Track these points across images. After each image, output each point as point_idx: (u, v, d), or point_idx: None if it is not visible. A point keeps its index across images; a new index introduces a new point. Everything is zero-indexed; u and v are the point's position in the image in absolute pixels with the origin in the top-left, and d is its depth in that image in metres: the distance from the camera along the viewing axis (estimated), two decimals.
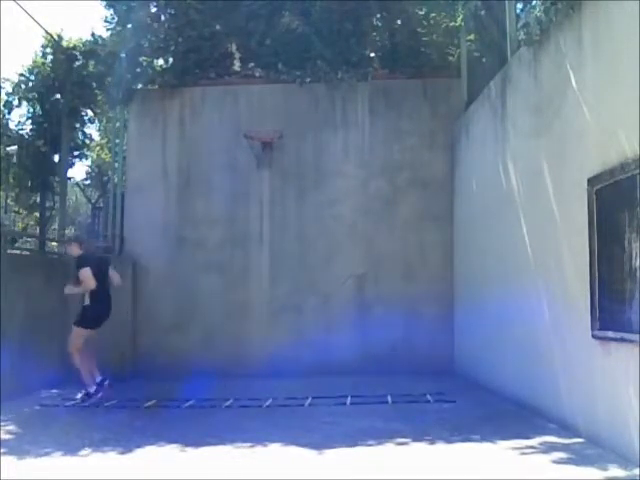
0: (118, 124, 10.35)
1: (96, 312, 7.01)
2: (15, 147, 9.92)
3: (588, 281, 4.82)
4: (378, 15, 10.34)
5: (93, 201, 17.20)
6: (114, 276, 7.28)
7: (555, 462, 4.36)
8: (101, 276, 7.04)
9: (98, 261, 7.20)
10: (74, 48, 9.96)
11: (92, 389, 6.95)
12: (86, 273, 6.89)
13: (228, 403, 6.88)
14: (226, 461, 4.62)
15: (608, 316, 4.58)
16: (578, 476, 4.03)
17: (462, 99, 9.25)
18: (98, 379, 7.03)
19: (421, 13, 10.25)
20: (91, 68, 10.02)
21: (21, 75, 10.02)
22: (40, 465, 4.53)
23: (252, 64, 9.99)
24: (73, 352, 6.92)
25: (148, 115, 9.86)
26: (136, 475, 4.28)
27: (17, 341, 7.32)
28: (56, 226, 10.38)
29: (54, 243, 10.28)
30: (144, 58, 9.95)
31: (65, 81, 9.83)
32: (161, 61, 10.26)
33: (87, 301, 6.98)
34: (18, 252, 9.70)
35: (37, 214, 10.40)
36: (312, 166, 9.65)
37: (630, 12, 4.27)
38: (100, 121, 13.15)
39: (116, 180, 10.41)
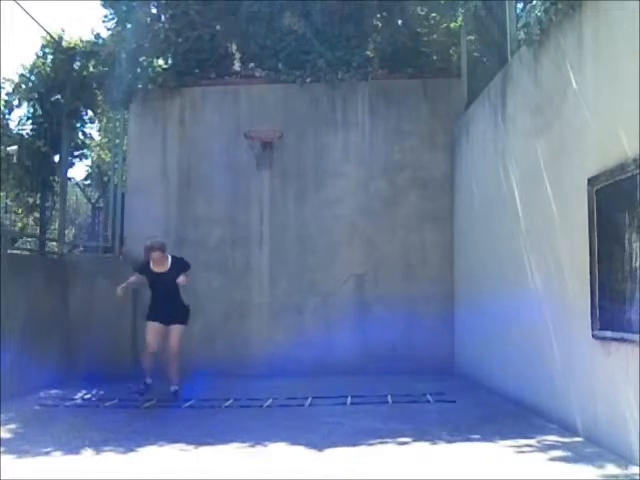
0: (118, 124, 10.35)
1: None
2: (15, 147, 9.91)
3: (588, 281, 4.81)
4: (378, 15, 10.33)
5: (93, 201, 17.17)
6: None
7: (554, 461, 4.36)
8: None
9: None
10: (74, 48, 9.95)
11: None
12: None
13: (228, 403, 6.88)
14: (226, 461, 4.62)
15: (608, 316, 4.57)
16: (577, 475, 4.04)
17: (462, 99, 9.25)
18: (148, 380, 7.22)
19: (422, 13, 10.26)
20: (91, 68, 10.01)
21: (21, 75, 10.00)
22: (40, 465, 4.53)
23: (252, 64, 9.99)
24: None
25: (148, 115, 9.86)
26: (136, 475, 4.28)
27: (17, 341, 7.32)
28: (56, 226, 10.35)
29: (54, 243, 10.27)
30: (144, 58, 9.95)
31: (65, 81, 9.82)
32: (161, 61, 10.26)
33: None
34: (18, 252, 9.71)
35: (37, 214, 10.38)
36: (312, 166, 9.65)
37: (630, 12, 4.27)
38: (100, 121, 13.12)
39: (116, 180, 10.41)
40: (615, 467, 4.13)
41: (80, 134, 10.72)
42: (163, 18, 10.17)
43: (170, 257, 7.34)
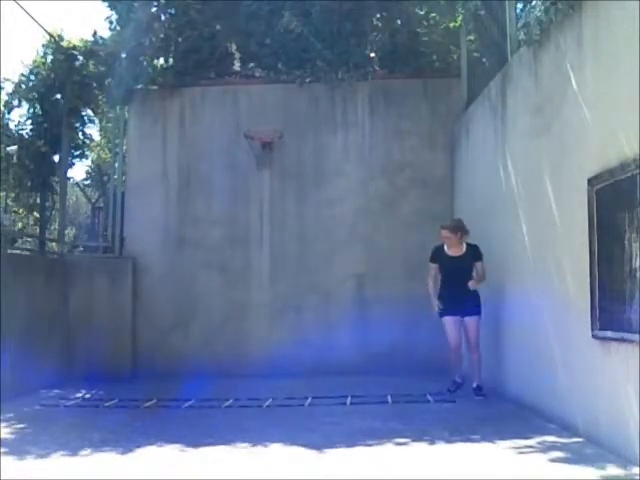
0: (118, 124, 10.35)
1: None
2: (15, 147, 9.91)
3: (588, 281, 4.81)
4: (378, 15, 10.33)
5: (93, 201, 17.20)
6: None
7: (555, 462, 4.36)
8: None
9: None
10: (74, 48, 9.94)
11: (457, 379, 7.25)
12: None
13: (228, 403, 6.88)
14: (226, 461, 4.62)
15: (608, 316, 4.57)
16: (577, 476, 4.03)
17: (462, 99, 9.25)
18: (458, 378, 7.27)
19: (421, 13, 10.26)
20: (91, 68, 10.00)
21: (21, 75, 10.00)
22: (40, 465, 4.53)
23: (252, 64, 9.99)
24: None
25: (148, 115, 9.86)
26: (136, 475, 4.28)
27: (17, 341, 7.33)
28: (56, 226, 10.36)
29: (54, 243, 10.27)
30: (144, 58, 9.95)
31: (65, 81, 9.81)
32: (161, 61, 10.26)
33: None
34: (18, 252, 9.71)
35: (37, 214, 10.38)
36: (312, 166, 9.65)
37: (630, 12, 4.26)
38: (100, 121, 13.13)
39: (116, 180, 10.41)
40: (617, 468, 4.11)
41: (80, 134, 10.71)
42: (163, 17, 10.18)
43: (465, 243, 7.20)
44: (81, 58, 9.99)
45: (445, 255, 7.20)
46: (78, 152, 10.96)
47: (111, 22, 10.13)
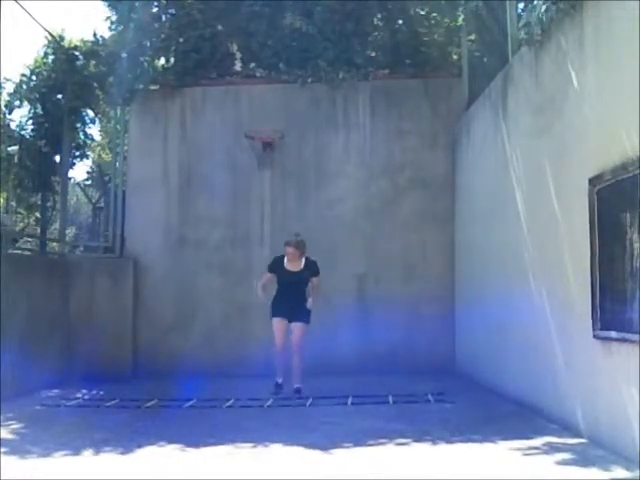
0: (119, 124, 10.35)
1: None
2: (15, 147, 9.92)
3: (589, 281, 4.81)
4: (379, 15, 10.34)
5: (94, 201, 17.19)
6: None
7: (556, 463, 4.34)
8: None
9: None
10: (75, 48, 9.94)
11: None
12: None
13: (229, 403, 6.88)
14: (227, 461, 4.61)
15: (609, 316, 4.57)
16: (580, 477, 4.02)
17: (463, 99, 9.25)
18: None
19: (422, 13, 10.26)
20: (92, 68, 10.00)
21: (23, 75, 10.00)
22: (41, 465, 4.53)
23: (253, 64, 9.98)
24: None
25: (149, 115, 9.86)
26: (136, 475, 4.27)
27: (17, 341, 7.33)
28: (57, 226, 10.36)
29: (55, 243, 10.27)
30: (145, 58, 9.95)
31: (66, 81, 9.81)
32: (162, 61, 10.26)
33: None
34: (19, 252, 9.71)
35: (38, 214, 10.38)
36: (313, 166, 9.65)
37: (631, 12, 4.26)
38: (101, 121, 13.12)
39: (117, 180, 10.41)
40: (623, 470, 4.10)
41: (81, 134, 10.72)
42: (164, 17, 10.18)
43: (304, 259, 7.51)
44: (82, 58, 10.00)
45: (283, 268, 7.52)
46: (79, 152, 10.97)
47: (112, 22, 10.12)
